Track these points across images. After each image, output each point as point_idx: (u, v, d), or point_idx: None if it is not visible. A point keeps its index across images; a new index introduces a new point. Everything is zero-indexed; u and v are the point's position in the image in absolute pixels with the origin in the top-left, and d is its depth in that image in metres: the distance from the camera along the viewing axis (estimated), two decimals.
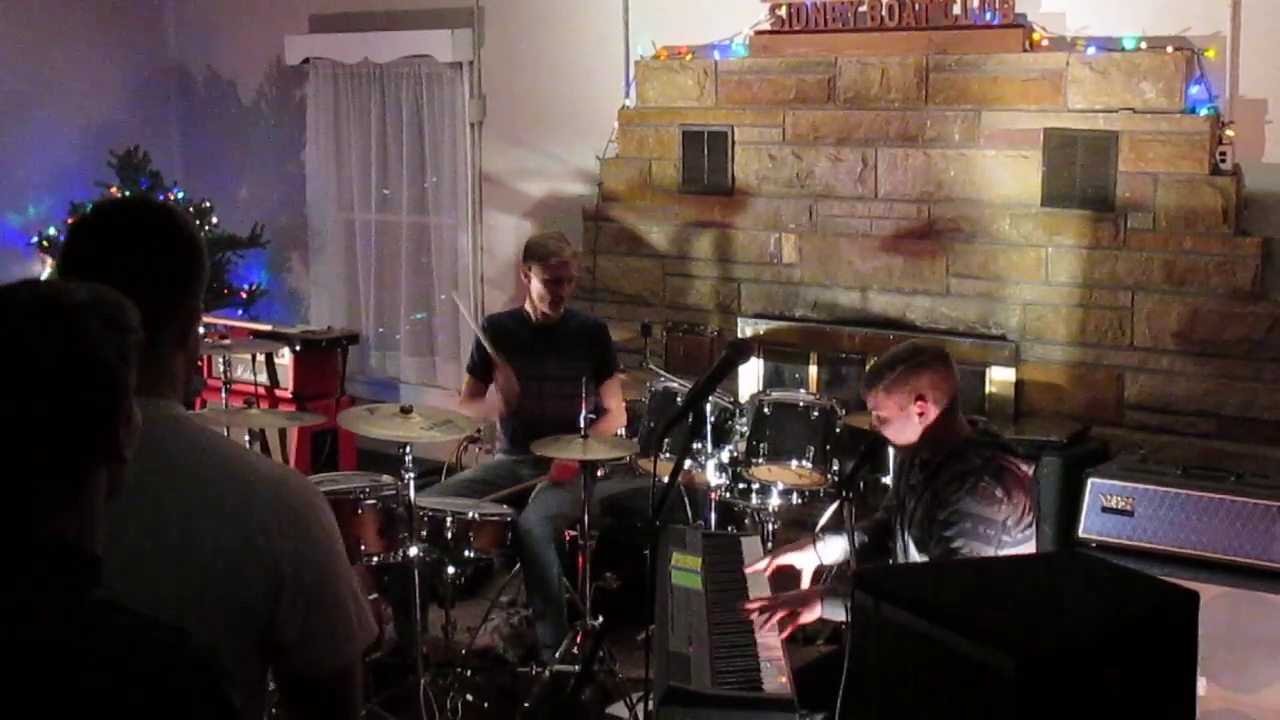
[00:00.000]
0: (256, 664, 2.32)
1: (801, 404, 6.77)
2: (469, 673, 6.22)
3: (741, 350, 4.72)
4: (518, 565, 6.72)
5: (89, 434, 1.89)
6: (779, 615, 4.41)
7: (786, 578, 5.02)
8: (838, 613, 4.42)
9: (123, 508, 2.07)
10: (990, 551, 4.33)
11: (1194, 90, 6.91)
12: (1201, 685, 5.06)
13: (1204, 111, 6.87)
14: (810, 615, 4.45)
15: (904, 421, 4.57)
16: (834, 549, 4.98)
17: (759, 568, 4.90)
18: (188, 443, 2.36)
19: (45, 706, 1.74)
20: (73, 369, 1.87)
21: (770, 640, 4.35)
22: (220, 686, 1.84)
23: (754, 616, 4.44)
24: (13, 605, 1.80)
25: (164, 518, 2.26)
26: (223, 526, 2.27)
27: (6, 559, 1.83)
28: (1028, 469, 4.58)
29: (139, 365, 2.30)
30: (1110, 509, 5.63)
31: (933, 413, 4.53)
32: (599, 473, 6.76)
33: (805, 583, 4.94)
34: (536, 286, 6.81)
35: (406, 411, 6.01)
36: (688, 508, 7.03)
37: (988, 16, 7.38)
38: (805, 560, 4.92)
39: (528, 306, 6.90)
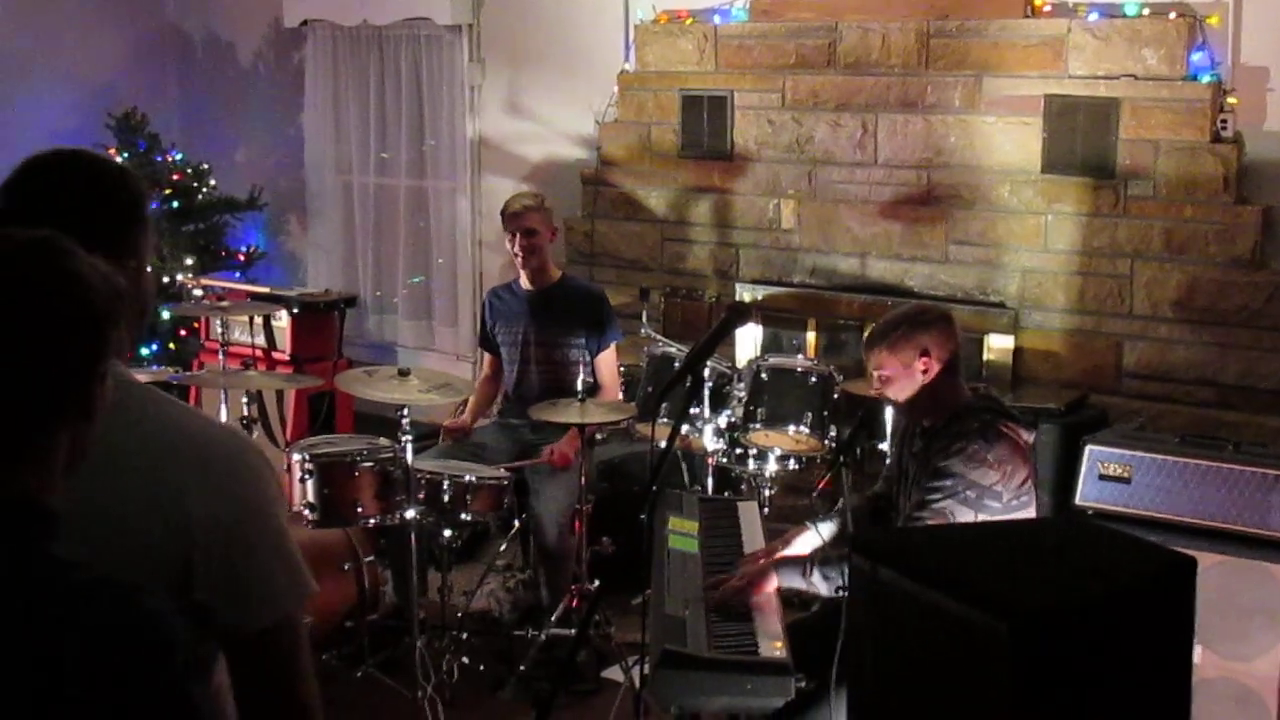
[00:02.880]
0: (185, 624, 2.30)
1: (799, 369, 6.76)
2: (465, 636, 6.24)
3: (740, 313, 4.70)
4: (514, 529, 6.73)
5: (65, 384, 1.86)
6: (733, 592, 4.37)
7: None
8: (794, 581, 4.41)
9: None
10: (970, 515, 4.31)
11: (1196, 57, 6.89)
12: (1197, 653, 5.05)
13: (1206, 79, 6.85)
14: (769, 586, 4.42)
15: (907, 380, 4.54)
16: (829, 528, 4.93)
17: (753, 568, 4.77)
18: (119, 401, 2.32)
19: None
20: (62, 310, 1.84)
21: (766, 604, 4.34)
22: (174, 645, 1.82)
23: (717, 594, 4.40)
24: None
25: (97, 473, 2.22)
26: (132, 484, 2.23)
27: None
28: (1028, 436, 4.56)
29: None
30: (1108, 476, 5.61)
31: (935, 370, 4.51)
32: (597, 437, 6.77)
33: None
34: (508, 247, 6.83)
35: (404, 374, 6.01)
36: (685, 473, 7.03)
37: None
38: (800, 550, 4.85)
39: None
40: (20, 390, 1.83)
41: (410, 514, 5.79)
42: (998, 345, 7.39)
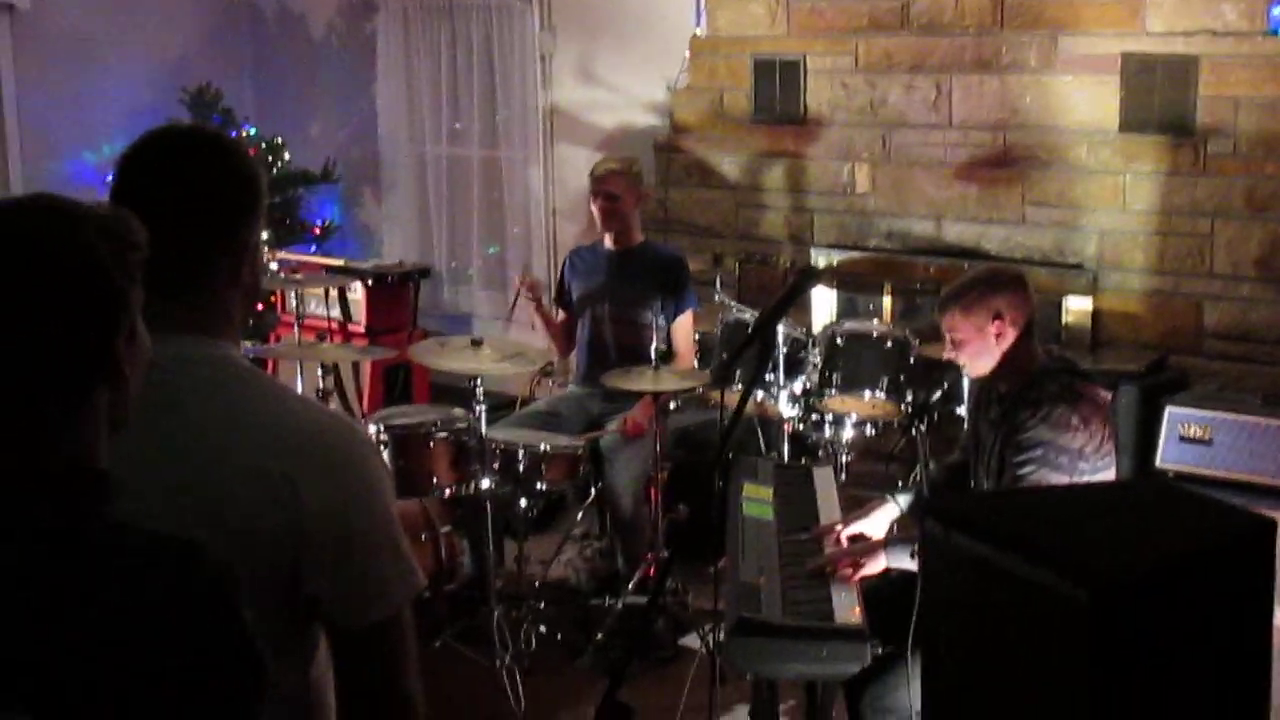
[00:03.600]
0: (288, 614, 2.27)
1: (875, 334, 6.72)
2: (542, 605, 6.25)
3: (809, 276, 4.67)
4: (590, 497, 6.72)
5: (86, 347, 1.83)
6: (845, 573, 4.34)
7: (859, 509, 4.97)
8: (903, 561, 4.36)
9: (146, 440, 2.05)
10: (1064, 480, 4.27)
11: (1276, 12, 6.78)
12: (1276, 616, 4.99)
13: None
14: (875, 567, 4.38)
15: (980, 344, 4.49)
16: (909, 501, 4.88)
17: (833, 536, 4.75)
18: (229, 384, 2.30)
19: (54, 627, 1.71)
20: (69, 276, 1.81)
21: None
22: (233, 601, 1.81)
23: (826, 570, 4.37)
24: (14, 527, 1.75)
25: (185, 455, 2.20)
26: (244, 472, 2.21)
27: (4, 482, 1.78)
28: (1106, 395, 4.51)
29: (194, 301, 2.26)
30: (1188, 438, 5.53)
31: (1010, 335, 4.45)
32: (671, 405, 6.76)
33: None
34: (591, 209, 6.86)
35: (477, 344, 6.02)
36: (760, 439, 7.01)
37: None
38: (876, 525, 4.80)
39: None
40: (45, 369, 1.81)
41: (485, 484, 5.81)
42: (1076, 307, 7.32)
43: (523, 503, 6.17)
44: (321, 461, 2.27)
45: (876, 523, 4.73)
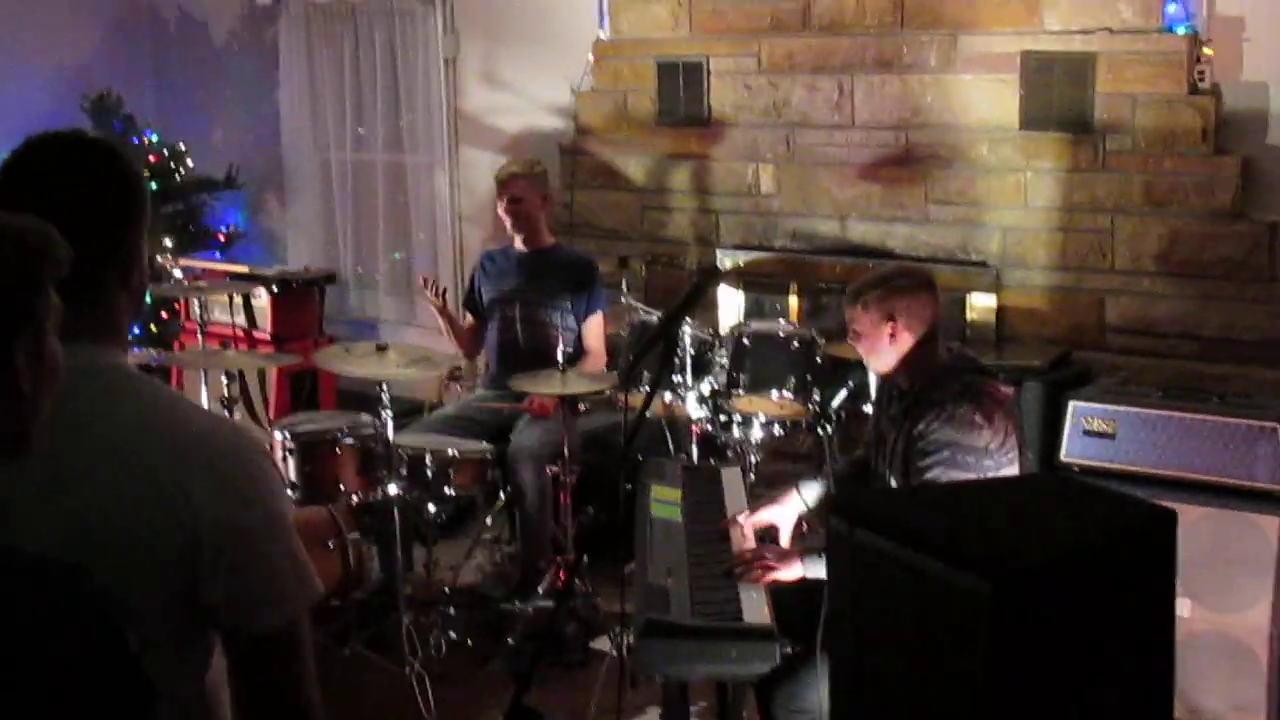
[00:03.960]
0: (185, 620, 2.25)
1: (781, 334, 6.72)
2: (452, 610, 6.22)
3: (710, 275, 4.67)
4: (500, 502, 6.71)
5: None
6: (756, 574, 4.35)
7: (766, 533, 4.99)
8: (818, 570, 4.36)
9: (49, 456, 2.01)
10: (972, 479, 4.28)
11: (1171, 9, 6.86)
12: (1186, 606, 5.05)
13: (1181, 30, 6.82)
14: (789, 574, 4.38)
15: (876, 339, 4.50)
16: (814, 492, 4.91)
17: (740, 528, 4.77)
18: (119, 393, 2.26)
19: None
20: None
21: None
22: (116, 624, 1.78)
23: (737, 570, 4.38)
24: None
25: (77, 467, 2.17)
26: (136, 481, 2.18)
27: None
28: (1008, 390, 4.54)
29: (81, 309, 2.20)
30: (1092, 432, 5.60)
31: (906, 339, 4.46)
32: (580, 407, 6.75)
33: (785, 538, 4.87)
34: (499, 213, 6.95)
35: (382, 349, 5.99)
36: (669, 441, 7.00)
37: None
38: (784, 515, 4.82)
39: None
40: None
41: (393, 489, 5.78)
42: (980, 304, 7.37)
43: (431, 508, 6.13)
44: (214, 469, 2.25)
45: (784, 512, 4.75)
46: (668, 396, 6.68)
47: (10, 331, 1.81)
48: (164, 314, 9.55)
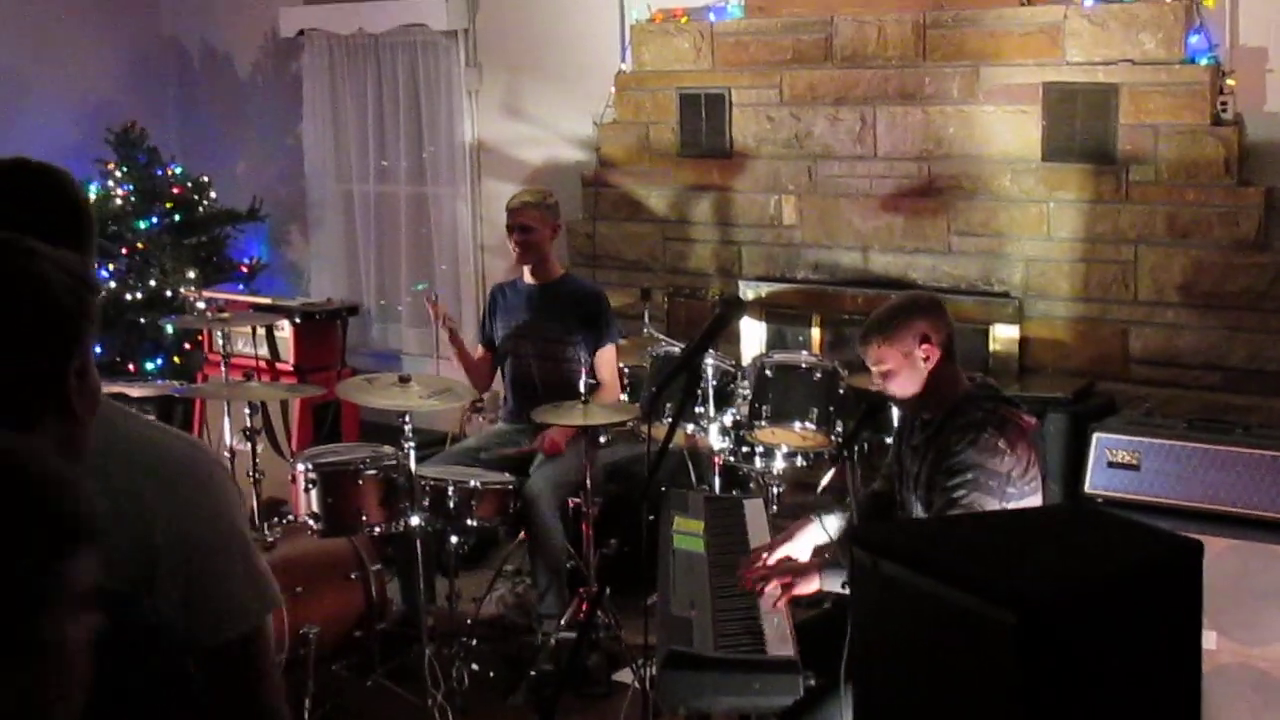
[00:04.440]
0: (146, 630, 2.26)
1: (804, 365, 6.72)
2: (474, 642, 6.22)
3: (734, 306, 4.68)
4: (521, 533, 6.70)
5: (36, 379, 1.83)
6: (774, 585, 4.35)
7: None
8: (836, 584, 4.36)
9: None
10: (994, 504, 4.27)
11: (1193, 40, 6.85)
12: (1211, 639, 5.02)
13: (1204, 61, 6.81)
14: (808, 587, 4.38)
15: (910, 370, 4.48)
16: (835, 524, 4.86)
17: (761, 558, 4.74)
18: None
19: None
20: (26, 308, 1.82)
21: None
22: (173, 654, 1.79)
23: (756, 585, 4.39)
24: None
25: None
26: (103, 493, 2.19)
27: None
28: (1031, 420, 4.52)
29: None
30: (1116, 463, 5.59)
31: (935, 356, 4.45)
32: (601, 439, 6.75)
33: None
34: (509, 243, 6.92)
35: (405, 381, 6.00)
36: (691, 472, 7.00)
37: None
38: (800, 548, 4.80)
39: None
40: None
41: (415, 521, 5.78)
42: (1003, 335, 7.35)
43: (453, 539, 6.14)
44: (173, 483, 2.26)
45: (801, 545, 4.73)
46: (690, 428, 6.69)
47: (65, 355, 1.87)
48: (187, 346, 9.58)
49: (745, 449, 6.76)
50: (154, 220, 9.76)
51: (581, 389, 6.16)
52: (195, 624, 2.26)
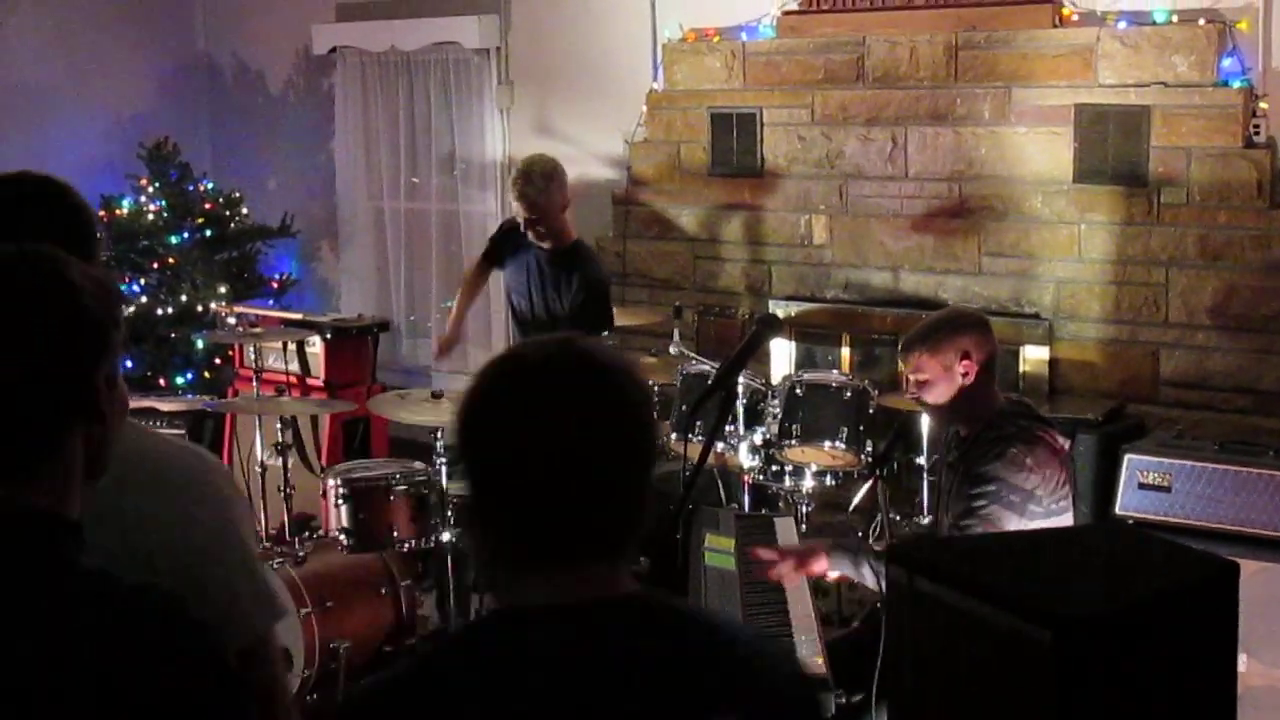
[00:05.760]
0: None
1: (834, 385, 6.72)
2: None
3: (770, 325, 4.67)
4: None
5: (67, 386, 1.85)
6: (786, 565, 4.36)
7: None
8: (844, 566, 4.37)
9: None
10: (1015, 520, 4.26)
11: (1226, 63, 6.86)
12: (1242, 661, 5.01)
13: (1237, 84, 6.82)
14: (817, 566, 4.39)
15: (947, 383, 4.48)
16: (843, 566, 4.76)
17: (803, 545, 4.74)
18: None
19: (38, 681, 1.70)
20: (56, 314, 1.84)
21: (805, 619, 4.32)
22: (219, 650, 1.81)
23: (770, 572, 4.38)
24: None
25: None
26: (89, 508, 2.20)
27: None
28: (1064, 442, 4.52)
29: None
30: (1147, 485, 5.59)
31: (974, 372, 4.46)
32: None
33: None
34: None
35: (437, 397, 6.02)
36: (721, 490, 6.99)
37: None
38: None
39: None
40: (24, 400, 1.82)
41: (446, 536, 5.79)
42: (1033, 356, 7.36)
43: None
44: (171, 494, 2.28)
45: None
46: (720, 446, 6.68)
47: (94, 362, 1.88)
48: (218, 361, 9.61)
49: (775, 468, 6.76)
50: (185, 235, 9.80)
51: None
52: None
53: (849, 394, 6.61)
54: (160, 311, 9.54)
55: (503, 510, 1.87)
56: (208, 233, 9.91)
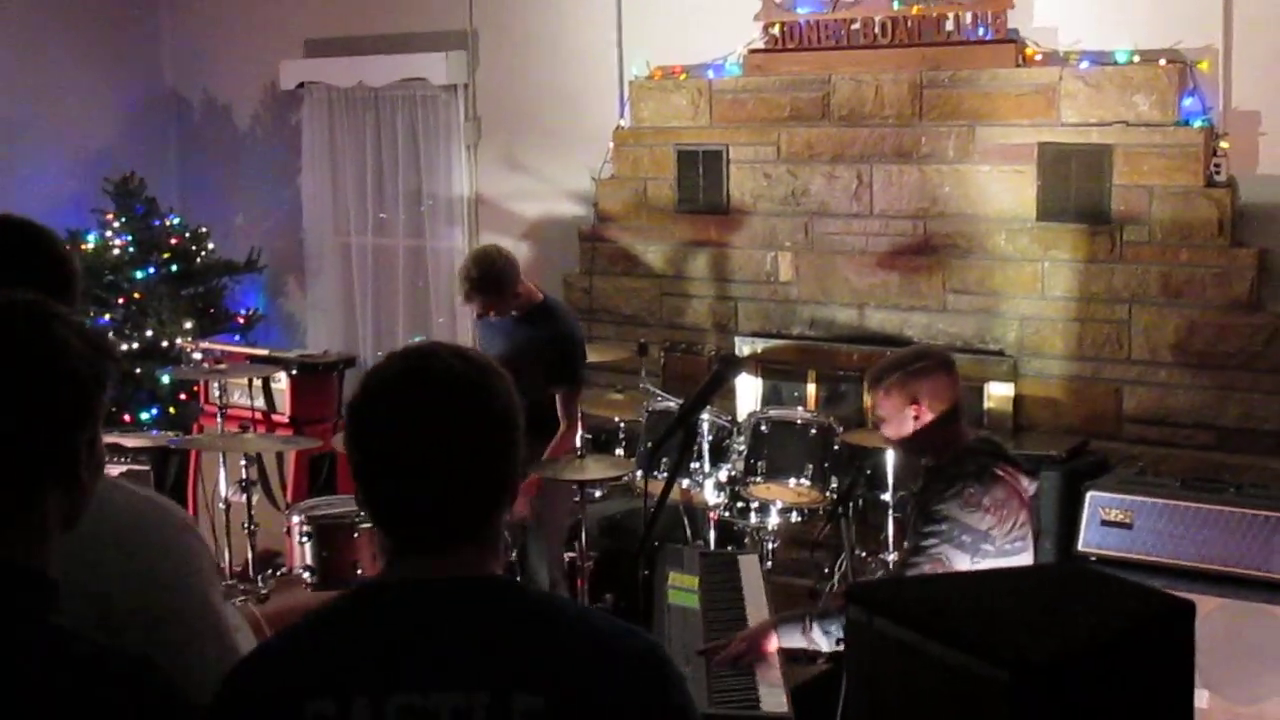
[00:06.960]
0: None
1: (799, 422, 6.75)
2: None
3: (731, 364, 4.70)
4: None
5: (45, 446, 1.83)
6: (734, 655, 4.35)
7: (785, 597, 4.99)
8: (794, 639, 4.38)
9: None
10: (966, 561, 4.28)
11: (1187, 102, 6.92)
12: (1204, 698, 5.04)
13: (1198, 124, 6.87)
14: (769, 647, 4.39)
15: (901, 422, 4.54)
16: (792, 638, 4.71)
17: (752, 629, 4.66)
18: None
19: None
20: (39, 373, 1.82)
21: (767, 659, 4.32)
22: (187, 712, 1.80)
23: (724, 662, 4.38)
24: None
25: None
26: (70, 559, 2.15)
27: None
28: (1027, 483, 4.53)
29: None
30: (1109, 522, 5.61)
31: (928, 417, 4.49)
32: (596, 494, 6.75)
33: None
34: None
35: None
36: (686, 527, 7.01)
37: (980, 32, 7.37)
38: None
39: None
40: (3, 456, 1.80)
41: None
42: (997, 393, 7.39)
43: None
44: (130, 546, 2.26)
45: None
46: (685, 483, 6.69)
47: (78, 425, 1.86)
48: (183, 396, 9.59)
49: (740, 504, 6.78)
50: (151, 270, 9.77)
51: (578, 441, 6.18)
52: None
53: (814, 431, 6.64)
54: (125, 347, 9.50)
55: (368, 503, 2.09)
56: (174, 268, 9.89)
